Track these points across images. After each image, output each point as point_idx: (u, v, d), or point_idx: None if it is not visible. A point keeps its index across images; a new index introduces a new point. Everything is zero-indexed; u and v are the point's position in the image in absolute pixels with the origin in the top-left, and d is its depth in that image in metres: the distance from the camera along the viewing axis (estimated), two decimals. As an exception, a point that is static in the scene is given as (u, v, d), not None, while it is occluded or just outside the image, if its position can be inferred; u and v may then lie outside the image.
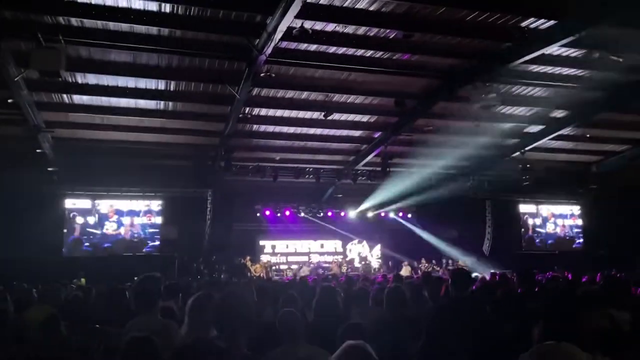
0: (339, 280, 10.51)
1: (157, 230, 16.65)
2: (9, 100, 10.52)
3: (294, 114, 13.07)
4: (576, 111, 13.43)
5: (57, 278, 9.93)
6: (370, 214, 19.47)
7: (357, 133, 14.57)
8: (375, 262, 20.69)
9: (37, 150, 13.27)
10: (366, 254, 21.02)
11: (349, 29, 9.30)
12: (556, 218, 20.90)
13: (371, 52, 10.14)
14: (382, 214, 19.99)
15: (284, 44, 9.43)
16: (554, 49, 9.97)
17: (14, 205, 14.01)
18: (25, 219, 14.00)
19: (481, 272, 14.71)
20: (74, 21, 8.65)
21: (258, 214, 18.77)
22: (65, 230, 15.86)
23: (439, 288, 5.52)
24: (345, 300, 5.24)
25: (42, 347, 3.90)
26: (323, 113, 12.54)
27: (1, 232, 13.69)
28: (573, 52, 10.53)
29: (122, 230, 16.32)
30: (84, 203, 16.15)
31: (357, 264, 20.25)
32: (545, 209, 20.75)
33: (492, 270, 12.91)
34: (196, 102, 12.14)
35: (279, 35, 8.52)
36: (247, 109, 12.40)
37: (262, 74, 10.27)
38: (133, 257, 15.86)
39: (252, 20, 8.85)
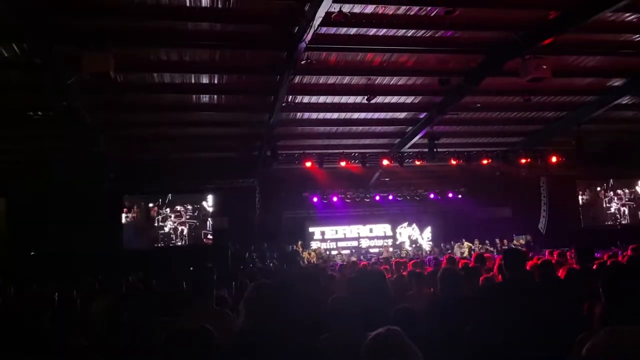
0: (391, 264, 10.44)
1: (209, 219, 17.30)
2: (64, 104, 11.00)
3: (336, 99, 13.01)
4: (634, 78, 12.70)
5: (118, 271, 10.39)
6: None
7: (401, 115, 14.37)
8: (426, 245, 20.46)
9: (93, 150, 13.83)
10: (416, 236, 20.80)
11: (389, 9, 9.13)
12: (618, 191, 19.95)
13: (412, 31, 9.92)
14: (432, 196, 19.70)
15: (324, 30, 9.36)
16: (607, 15, 9.42)
17: (75, 203, 14.76)
18: (85, 216, 14.73)
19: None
20: (119, 23, 8.91)
21: (306, 201, 18.90)
22: (123, 224, 16.62)
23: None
24: (396, 283, 5.21)
25: (106, 337, 4.10)
26: (366, 97, 12.42)
27: (65, 230, 14.47)
28: (628, 17, 9.92)
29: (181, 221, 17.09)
30: (142, 197, 16.92)
31: (407, 247, 20.09)
32: (606, 183, 19.83)
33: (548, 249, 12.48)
34: (240, 93, 12.30)
35: (317, 21, 8.47)
36: (290, 97, 12.43)
37: (303, 62, 10.27)
38: (188, 248, 16.41)
39: (290, 8, 8.84)
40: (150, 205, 16.78)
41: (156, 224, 16.75)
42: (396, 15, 9.34)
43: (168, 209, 16.98)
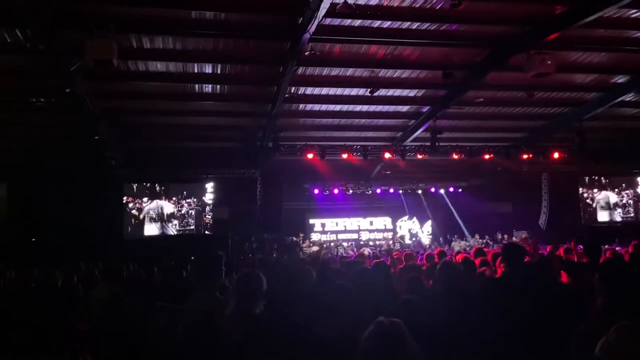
0: (393, 256, 10.45)
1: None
2: (67, 90, 10.98)
3: (339, 91, 12.97)
4: (638, 76, 12.65)
5: (119, 258, 10.42)
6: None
7: (404, 108, 14.33)
8: (425, 239, 20.50)
9: (95, 137, 13.82)
10: (417, 230, 20.85)
11: (394, 2, 9.09)
12: (619, 189, 19.94)
13: (417, 24, 9.86)
14: (433, 190, 19.72)
15: (328, 21, 9.32)
16: (613, 11, 9.37)
17: (75, 190, 14.78)
18: (86, 204, 14.75)
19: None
20: (123, 10, 8.87)
21: (307, 193, 18.93)
22: (126, 212, 16.70)
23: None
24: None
25: (106, 323, 4.12)
26: (369, 89, 12.39)
27: (65, 217, 14.50)
28: (634, 13, 9.87)
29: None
30: (143, 186, 17.25)
31: (407, 241, 20.14)
32: (608, 180, 19.81)
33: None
34: (243, 83, 12.27)
35: (322, 12, 8.41)
36: (293, 88, 12.41)
37: (306, 53, 10.22)
38: (189, 237, 16.46)
39: (294, -1, 8.80)
40: (174, 198, 17.64)
41: (176, 209, 17.64)
42: (401, 8, 9.29)
43: (184, 201, 17.69)
